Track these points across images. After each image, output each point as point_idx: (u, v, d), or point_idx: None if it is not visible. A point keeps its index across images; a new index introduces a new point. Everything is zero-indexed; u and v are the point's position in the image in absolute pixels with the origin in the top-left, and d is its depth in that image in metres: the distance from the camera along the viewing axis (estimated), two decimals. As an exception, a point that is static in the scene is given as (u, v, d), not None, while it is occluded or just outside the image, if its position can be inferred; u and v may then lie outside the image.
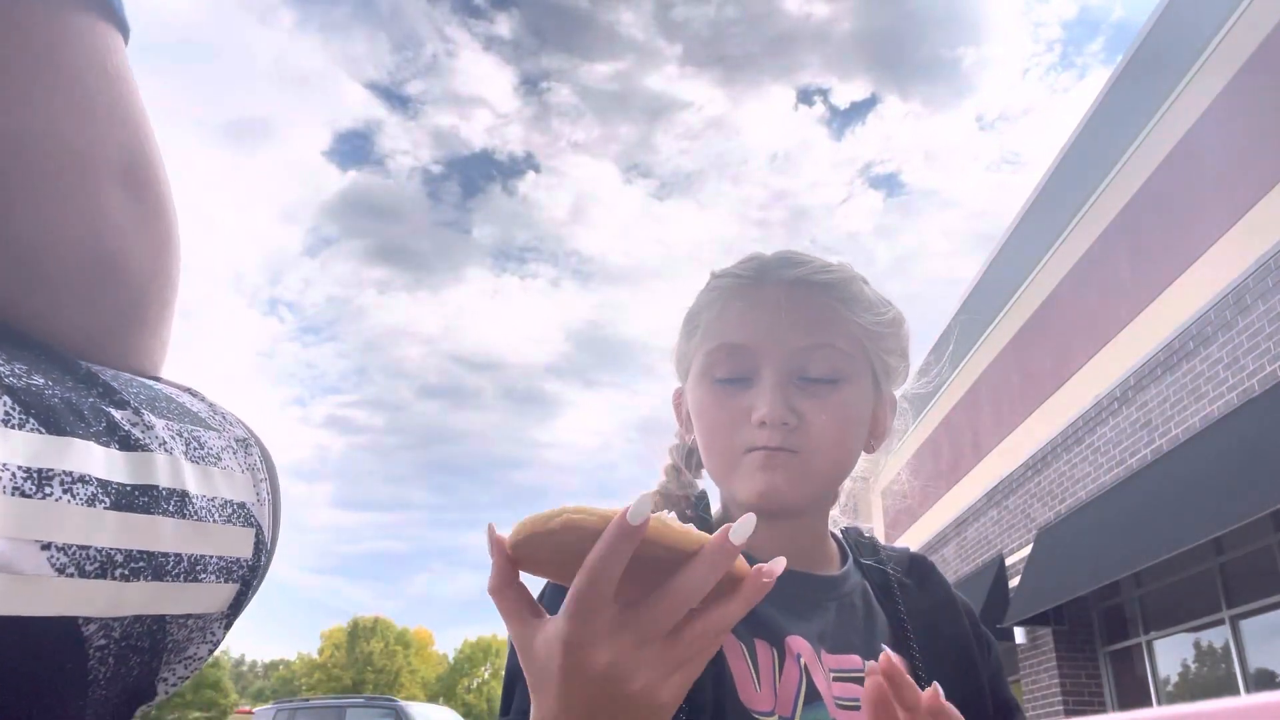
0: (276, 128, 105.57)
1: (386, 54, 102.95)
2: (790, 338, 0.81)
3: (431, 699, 51.74)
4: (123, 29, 0.51)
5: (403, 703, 12.91)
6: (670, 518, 0.50)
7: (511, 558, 0.52)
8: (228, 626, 0.50)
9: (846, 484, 0.96)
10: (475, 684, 61.92)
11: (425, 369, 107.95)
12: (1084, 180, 9.02)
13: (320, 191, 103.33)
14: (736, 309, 0.83)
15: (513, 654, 0.80)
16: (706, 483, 0.92)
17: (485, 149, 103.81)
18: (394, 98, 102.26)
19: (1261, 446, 5.79)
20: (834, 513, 0.93)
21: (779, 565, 0.52)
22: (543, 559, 0.53)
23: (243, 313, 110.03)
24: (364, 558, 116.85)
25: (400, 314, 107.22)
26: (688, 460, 0.91)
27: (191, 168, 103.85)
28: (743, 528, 0.49)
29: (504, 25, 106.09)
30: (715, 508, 0.91)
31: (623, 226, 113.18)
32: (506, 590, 0.53)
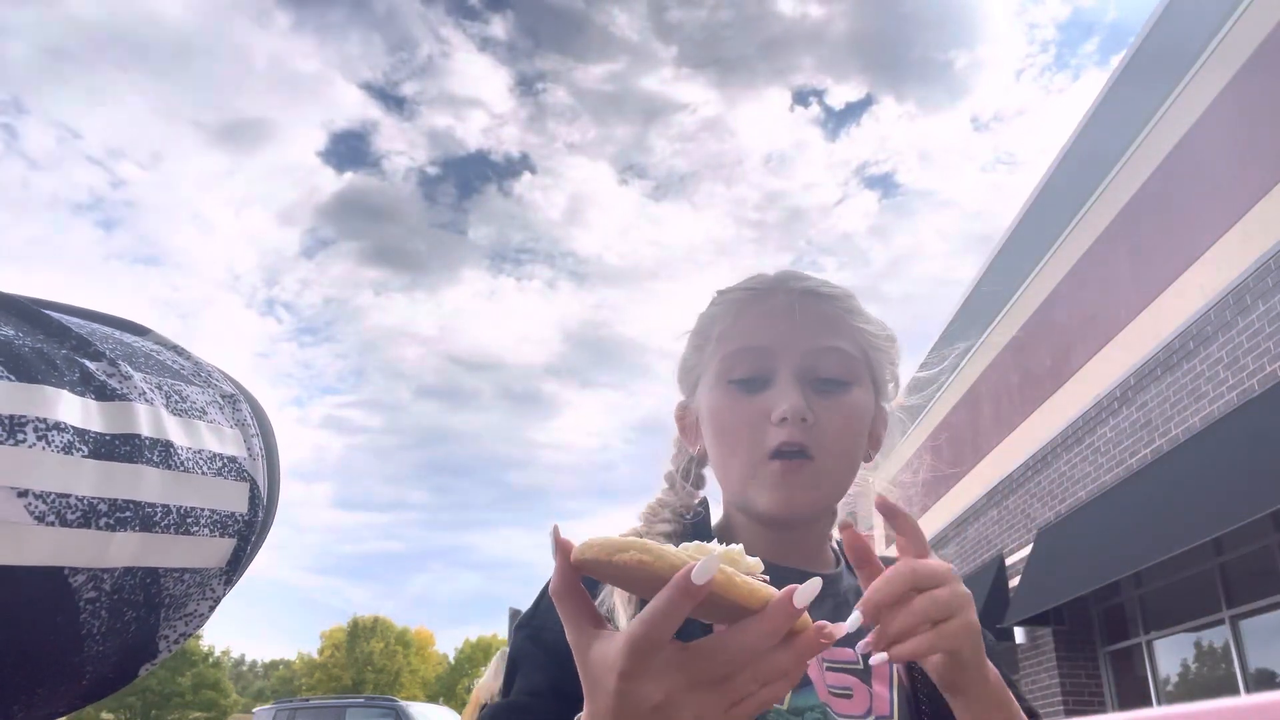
0: (272, 129, 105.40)
1: (381, 55, 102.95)
2: (804, 340, 0.85)
3: (431, 699, 51.65)
4: None
5: (403, 703, 12.92)
6: (736, 572, 0.50)
7: (575, 565, 0.54)
8: (229, 583, 0.49)
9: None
10: (475, 684, 61.75)
11: (423, 369, 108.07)
12: (1084, 180, 9.02)
13: (317, 193, 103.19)
14: (751, 316, 0.88)
15: (515, 640, 0.82)
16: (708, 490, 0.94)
17: (481, 150, 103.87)
18: (389, 99, 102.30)
19: (1261, 446, 5.79)
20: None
21: (839, 629, 0.53)
22: (606, 575, 0.54)
23: (240, 313, 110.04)
24: (364, 558, 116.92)
25: (397, 315, 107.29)
26: (686, 472, 0.94)
27: (188, 169, 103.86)
28: (807, 592, 0.50)
29: (499, 26, 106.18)
30: (716, 515, 0.93)
31: (618, 227, 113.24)
32: (568, 597, 0.55)
